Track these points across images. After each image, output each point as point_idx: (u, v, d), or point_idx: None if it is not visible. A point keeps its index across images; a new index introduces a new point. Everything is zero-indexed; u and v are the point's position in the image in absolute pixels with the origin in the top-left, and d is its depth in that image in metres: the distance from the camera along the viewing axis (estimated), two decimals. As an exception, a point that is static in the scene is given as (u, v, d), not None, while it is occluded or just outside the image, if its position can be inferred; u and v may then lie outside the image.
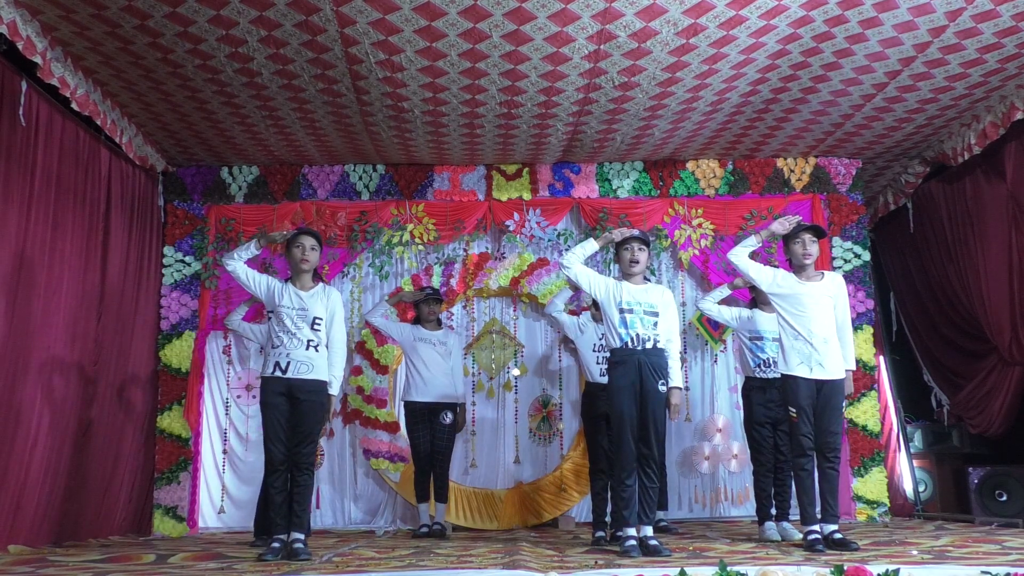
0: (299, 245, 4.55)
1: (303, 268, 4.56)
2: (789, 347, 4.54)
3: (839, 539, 4.34)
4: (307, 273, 4.59)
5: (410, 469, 6.51)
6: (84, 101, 5.32)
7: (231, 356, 6.91)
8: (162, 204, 6.98)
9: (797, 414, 4.49)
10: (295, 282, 4.59)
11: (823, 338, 4.49)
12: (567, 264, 4.62)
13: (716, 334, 7.03)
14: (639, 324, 4.47)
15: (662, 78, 5.48)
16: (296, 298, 4.53)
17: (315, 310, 4.53)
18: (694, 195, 7.15)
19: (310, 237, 4.60)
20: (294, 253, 4.56)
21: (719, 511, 6.82)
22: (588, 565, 3.70)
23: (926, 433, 7.11)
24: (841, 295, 4.65)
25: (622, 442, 4.41)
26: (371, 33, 4.85)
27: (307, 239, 4.57)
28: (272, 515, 4.50)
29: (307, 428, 4.47)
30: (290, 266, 4.64)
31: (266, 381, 4.50)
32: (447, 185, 7.12)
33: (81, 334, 5.65)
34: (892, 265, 7.94)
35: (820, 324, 4.50)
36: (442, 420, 5.98)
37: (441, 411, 5.99)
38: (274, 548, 4.33)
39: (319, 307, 4.55)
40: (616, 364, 4.50)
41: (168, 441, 6.62)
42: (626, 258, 4.60)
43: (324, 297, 4.60)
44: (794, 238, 4.62)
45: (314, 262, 4.60)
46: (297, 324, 4.49)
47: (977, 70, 5.47)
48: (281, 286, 4.57)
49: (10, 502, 4.79)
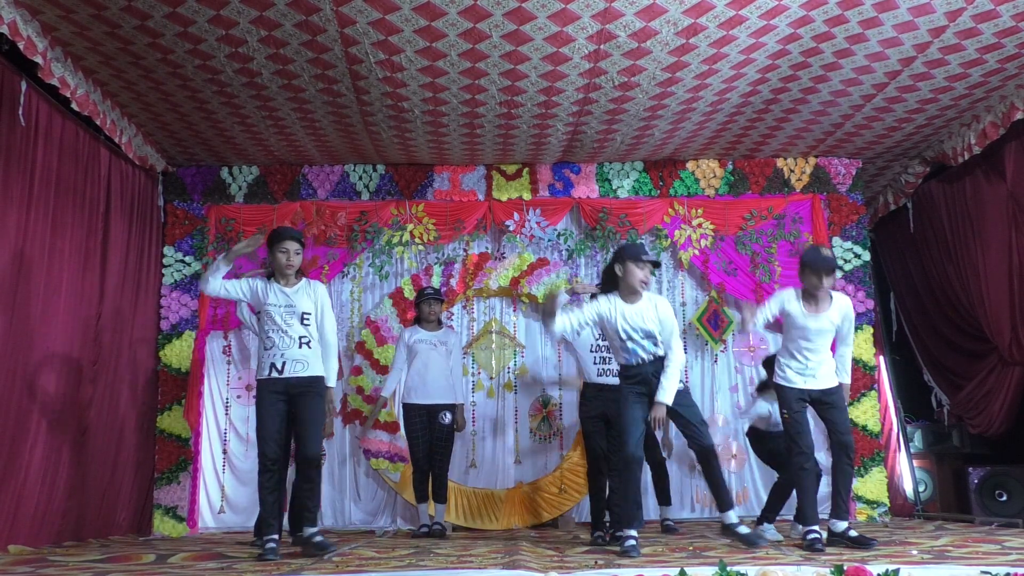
0: (284, 250, 4.50)
1: (287, 272, 4.54)
2: (785, 361, 4.63)
3: (855, 536, 4.35)
4: (291, 275, 4.58)
5: (410, 469, 6.51)
6: (84, 101, 5.32)
7: (231, 356, 6.91)
8: (162, 204, 6.98)
9: (789, 415, 4.56)
10: (279, 280, 4.56)
11: (819, 360, 4.58)
12: (556, 331, 4.53)
13: (716, 334, 7.03)
14: (640, 351, 4.48)
15: (662, 78, 5.48)
16: (282, 295, 4.51)
17: (303, 305, 4.52)
18: (694, 195, 7.15)
19: (294, 242, 4.54)
20: (279, 258, 4.51)
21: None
22: (588, 565, 3.70)
23: (926, 433, 7.11)
24: (847, 320, 4.65)
25: (625, 447, 4.43)
26: (371, 33, 4.85)
27: (291, 244, 4.52)
28: (264, 515, 4.51)
29: (310, 425, 4.47)
30: (275, 269, 4.60)
31: (263, 383, 4.49)
32: (447, 185, 7.12)
33: (81, 334, 5.65)
34: (892, 265, 7.94)
35: (819, 350, 4.58)
36: (441, 420, 5.97)
37: (440, 412, 5.99)
38: (271, 548, 4.31)
39: (306, 302, 4.53)
40: (626, 377, 4.54)
41: (168, 441, 6.62)
42: (638, 276, 4.45)
43: (310, 291, 4.58)
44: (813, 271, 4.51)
45: (298, 265, 4.57)
46: (287, 321, 4.48)
47: (977, 70, 5.47)
48: (265, 285, 4.55)
49: (10, 502, 4.79)
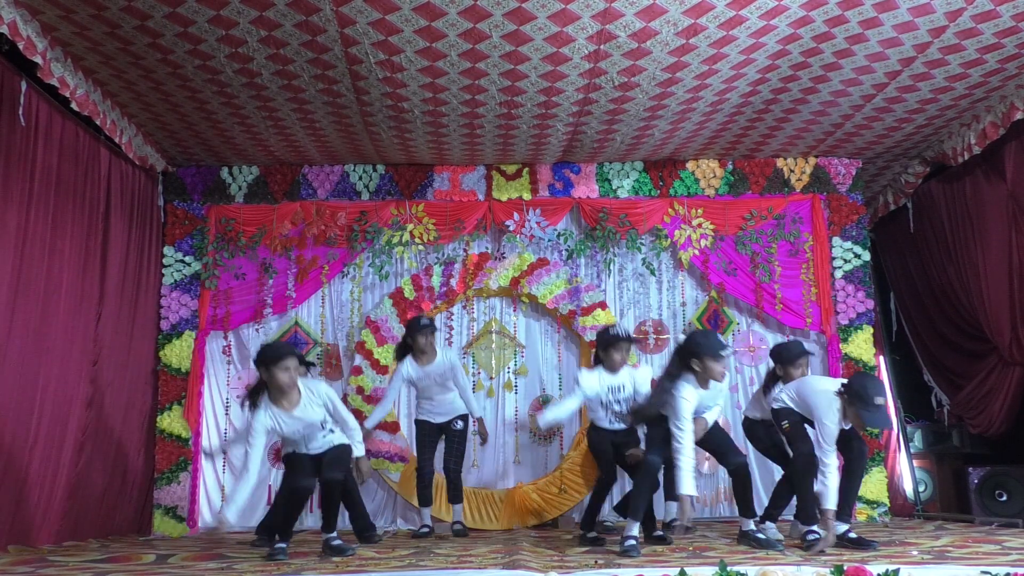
0: (286, 368, 4.39)
1: (289, 391, 4.46)
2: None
3: (855, 539, 4.36)
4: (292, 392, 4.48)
5: (409, 469, 6.51)
6: (84, 101, 5.32)
7: (231, 356, 6.91)
8: (162, 204, 6.98)
9: (789, 426, 4.66)
10: (279, 403, 4.45)
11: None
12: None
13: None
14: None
15: (662, 78, 5.48)
16: (292, 420, 4.48)
17: (315, 417, 4.53)
18: (694, 195, 7.15)
19: (294, 358, 4.45)
20: (281, 378, 4.38)
21: (719, 511, 6.82)
22: (588, 565, 3.71)
23: (926, 433, 7.11)
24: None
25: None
26: (371, 33, 4.85)
27: (292, 361, 4.42)
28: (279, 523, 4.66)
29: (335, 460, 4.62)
30: (271, 388, 4.46)
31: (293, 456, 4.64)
32: (447, 185, 7.11)
33: (81, 334, 5.64)
34: (892, 265, 7.94)
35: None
36: (454, 427, 6.00)
37: (453, 420, 6.03)
38: (281, 548, 4.43)
39: (316, 411, 4.52)
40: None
41: (168, 441, 6.62)
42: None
43: (313, 399, 4.52)
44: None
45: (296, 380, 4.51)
46: (309, 436, 4.60)
47: (977, 70, 5.47)
48: (269, 416, 4.43)
49: (10, 502, 4.79)
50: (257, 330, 6.94)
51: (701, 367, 4.50)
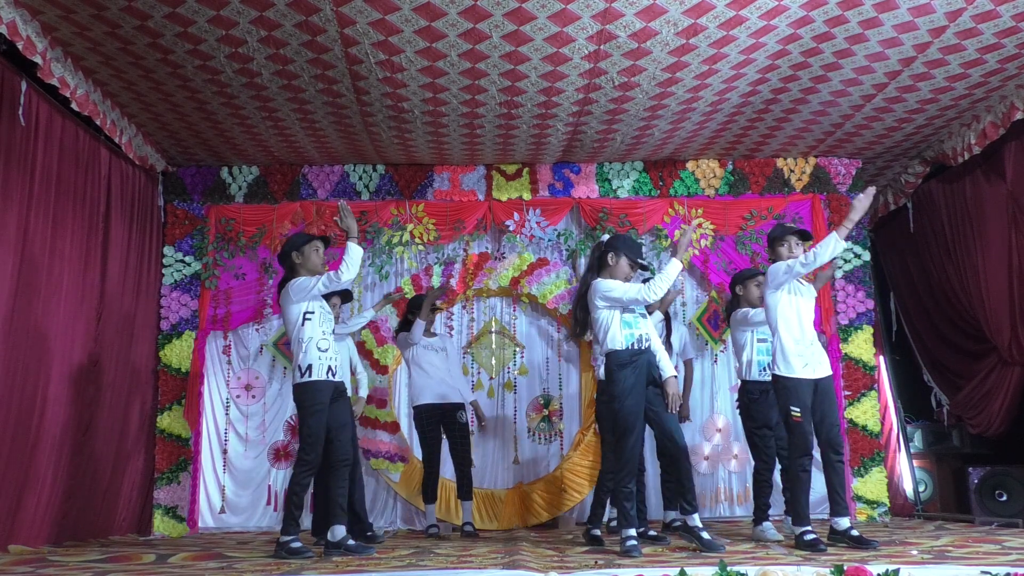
0: (316, 248, 4.69)
1: (320, 272, 4.67)
2: (790, 350, 4.53)
3: (857, 536, 4.35)
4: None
5: (410, 469, 6.51)
6: (84, 101, 5.32)
7: (231, 356, 6.91)
8: (162, 204, 6.99)
9: (801, 414, 4.47)
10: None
11: (811, 340, 4.62)
12: (653, 298, 4.52)
13: (716, 334, 7.03)
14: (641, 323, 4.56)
15: (662, 78, 5.48)
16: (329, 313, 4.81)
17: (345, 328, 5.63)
18: (694, 195, 7.15)
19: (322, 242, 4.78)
20: (314, 258, 4.66)
21: (719, 511, 6.82)
22: (588, 565, 3.70)
23: (926, 433, 7.11)
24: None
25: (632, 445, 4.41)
26: (371, 33, 4.85)
27: (321, 243, 4.75)
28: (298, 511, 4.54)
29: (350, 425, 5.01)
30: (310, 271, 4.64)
31: (322, 384, 4.56)
32: (447, 185, 7.12)
33: (81, 334, 5.65)
34: (892, 265, 7.94)
35: (810, 326, 4.67)
36: (458, 420, 6.00)
37: (455, 411, 6.00)
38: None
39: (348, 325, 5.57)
40: (624, 366, 4.44)
41: (168, 441, 6.62)
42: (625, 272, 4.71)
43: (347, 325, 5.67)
44: (781, 241, 4.71)
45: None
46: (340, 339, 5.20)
47: (977, 70, 5.48)
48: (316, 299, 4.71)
49: (10, 502, 4.80)
50: (257, 330, 6.94)
51: (616, 261, 4.61)
